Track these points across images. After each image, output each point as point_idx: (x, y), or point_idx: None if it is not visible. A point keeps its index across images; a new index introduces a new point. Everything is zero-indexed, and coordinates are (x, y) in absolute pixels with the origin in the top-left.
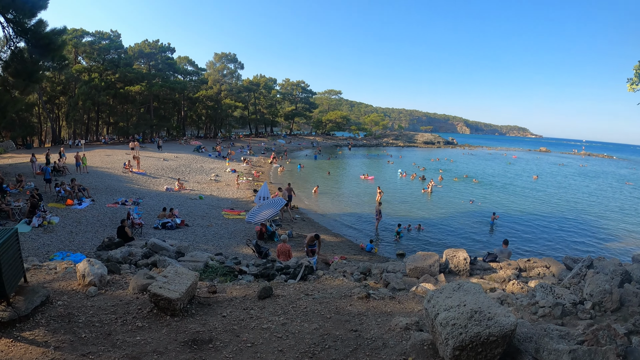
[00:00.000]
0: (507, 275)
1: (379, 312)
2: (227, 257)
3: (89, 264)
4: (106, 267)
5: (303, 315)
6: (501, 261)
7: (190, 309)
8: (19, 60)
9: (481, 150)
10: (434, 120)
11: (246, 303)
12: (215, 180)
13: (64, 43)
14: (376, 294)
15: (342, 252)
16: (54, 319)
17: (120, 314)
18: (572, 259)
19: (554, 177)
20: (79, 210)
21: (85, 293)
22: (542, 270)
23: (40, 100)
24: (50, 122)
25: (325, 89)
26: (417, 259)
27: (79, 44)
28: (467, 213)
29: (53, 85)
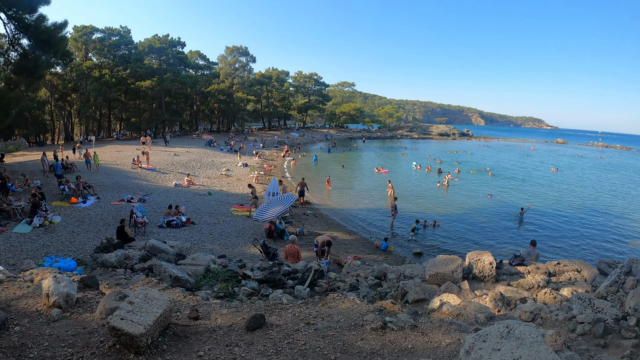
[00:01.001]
0: (537, 281)
1: (398, 350)
2: (231, 259)
3: (54, 281)
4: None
5: (300, 356)
6: (529, 264)
7: (161, 344)
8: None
9: (497, 142)
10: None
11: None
12: (226, 175)
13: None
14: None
15: (355, 251)
16: (3, 352)
17: (78, 347)
18: (606, 263)
19: (573, 170)
20: (83, 208)
21: (47, 316)
22: (573, 275)
23: (52, 97)
24: (62, 119)
25: (339, 81)
26: (437, 263)
27: (88, 41)
28: (485, 208)
29: (64, 83)
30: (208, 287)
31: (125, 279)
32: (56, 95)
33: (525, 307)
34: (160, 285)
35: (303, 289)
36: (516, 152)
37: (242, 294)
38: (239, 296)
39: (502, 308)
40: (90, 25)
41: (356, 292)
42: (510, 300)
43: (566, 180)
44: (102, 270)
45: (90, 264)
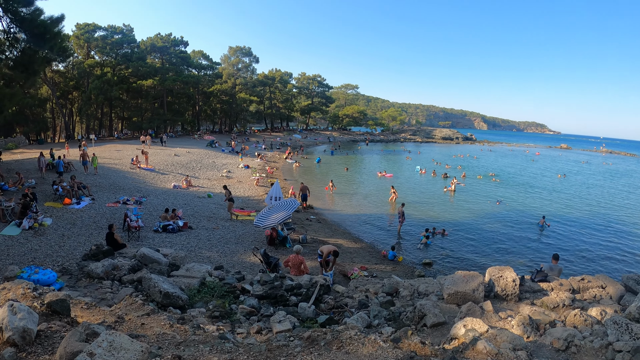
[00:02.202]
0: (561, 300)
1: None
2: (229, 271)
3: (9, 311)
4: (36, 315)
5: None
6: (551, 280)
7: None
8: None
9: (501, 147)
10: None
11: None
12: (227, 177)
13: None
14: None
15: (362, 261)
16: None
17: None
18: (634, 280)
19: (580, 176)
20: (76, 210)
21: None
22: (598, 292)
23: (53, 95)
24: (64, 117)
25: (342, 83)
26: (457, 281)
27: (91, 39)
28: (494, 215)
29: (66, 80)
30: (202, 303)
31: (111, 292)
32: (57, 93)
33: (556, 332)
34: (145, 309)
35: (308, 307)
36: (521, 157)
37: (240, 313)
38: (237, 315)
39: (532, 334)
40: (93, 23)
41: (366, 310)
42: (539, 324)
43: (574, 186)
44: (87, 282)
45: (76, 274)
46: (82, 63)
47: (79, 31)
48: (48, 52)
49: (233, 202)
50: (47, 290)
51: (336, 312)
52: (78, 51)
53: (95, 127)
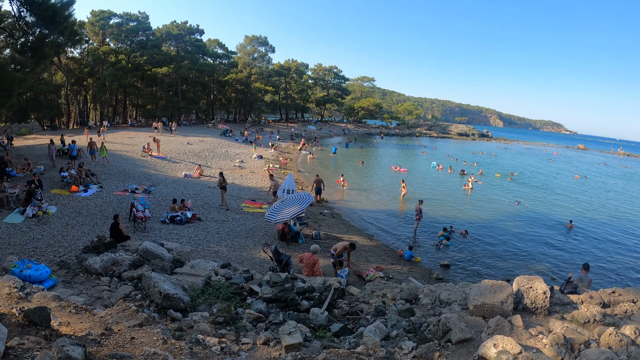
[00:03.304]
0: (592, 314)
1: None
2: (237, 269)
3: None
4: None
5: None
6: (581, 292)
7: None
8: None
9: (517, 145)
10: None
11: None
12: (239, 167)
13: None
14: None
15: (377, 260)
16: None
17: None
18: None
19: (599, 179)
20: (83, 198)
21: None
22: (629, 307)
23: (68, 82)
24: (78, 104)
25: (358, 76)
26: (483, 291)
27: (106, 26)
28: (514, 216)
29: (81, 67)
30: (206, 306)
31: (108, 290)
32: (72, 79)
33: (592, 355)
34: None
35: (320, 313)
36: (538, 156)
37: (246, 319)
38: (243, 322)
39: (566, 355)
40: (108, 10)
41: (383, 318)
42: (573, 344)
43: (595, 189)
44: (84, 277)
45: (74, 268)
46: (97, 50)
47: (94, 18)
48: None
49: (225, 190)
50: (35, 290)
51: (351, 319)
52: (93, 38)
53: (109, 114)
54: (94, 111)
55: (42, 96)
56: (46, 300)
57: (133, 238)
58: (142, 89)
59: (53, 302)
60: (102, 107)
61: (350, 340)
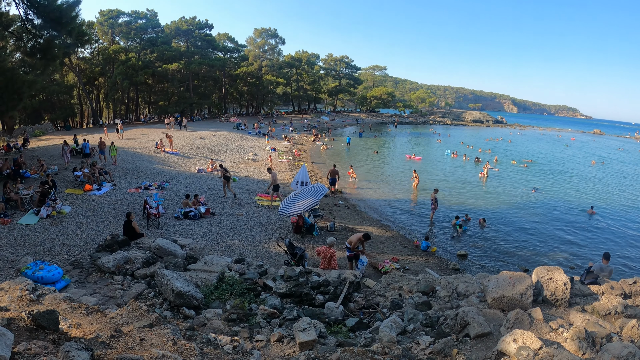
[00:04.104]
0: (613, 306)
1: None
2: (251, 263)
3: None
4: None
5: None
6: (602, 282)
7: None
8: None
9: (532, 131)
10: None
11: None
12: (252, 160)
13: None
14: None
15: (393, 251)
16: None
17: None
18: None
19: (618, 164)
20: (97, 196)
21: None
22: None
23: (79, 82)
24: (90, 103)
25: (370, 65)
26: (502, 283)
27: (115, 25)
28: (531, 204)
29: (92, 67)
30: (219, 303)
31: (122, 289)
32: (84, 79)
33: (614, 349)
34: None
35: (335, 308)
36: (554, 142)
37: (260, 315)
38: (257, 318)
39: (588, 350)
40: (117, 8)
41: (399, 312)
42: (595, 338)
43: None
44: (97, 277)
45: (87, 267)
46: (107, 49)
47: (102, 17)
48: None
49: (228, 181)
50: (47, 292)
51: (367, 312)
52: (102, 37)
53: (122, 112)
54: (106, 110)
55: (55, 97)
56: (57, 302)
57: (147, 235)
58: (154, 85)
59: (64, 304)
60: (114, 105)
61: (365, 335)
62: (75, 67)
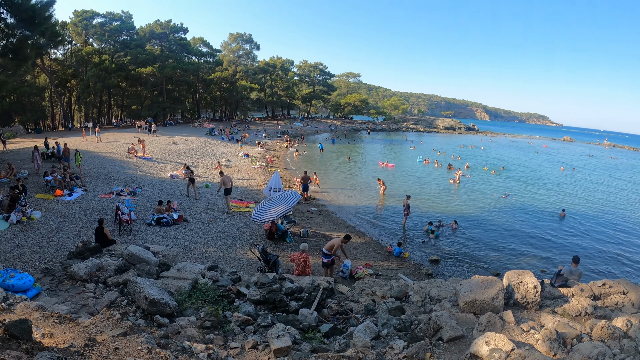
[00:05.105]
0: (583, 307)
1: None
2: (224, 270)
3: None
4: None
5: None
6: (572, 285)
7: None
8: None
9: (503, 138)
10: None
11: None
12: (226, 166)
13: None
14: None
15: (366, 257)
16: None
17: None
18: None
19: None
20: (68, 202)
21: None
22: (620, 299)
23: (51, 83)
24: (62, 106)
25: (344, 72)
26: (474, 287)
27: (89, 26)
28: (502, 209)
29: (64, 69)
30: (193, 310)
31: (94, 297)
32: (56, 81)
33: (584, 349)
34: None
35: (309, 314)
36: (525, 149)
37: (234, 322)
38: (231, 325)
39: (559, 351)
40: (91, 9)
41: (373, 317)
42: (566, 339)
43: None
44: (69, 284)
45: (59, 275)
46: (80, 51)
47: (76, 18)
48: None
49: (193, 182)
50: (18, 300)
51: (341, 318)
52: (76, 38)
53: (94, 116)
54: (78, 113)
55: (26, 99)
56: (29, 310)
57: (119, 242)
58: (127, 89)
59: (36, 313)
60: (86, 108)
61: (340, 341)
62: (47, 68)
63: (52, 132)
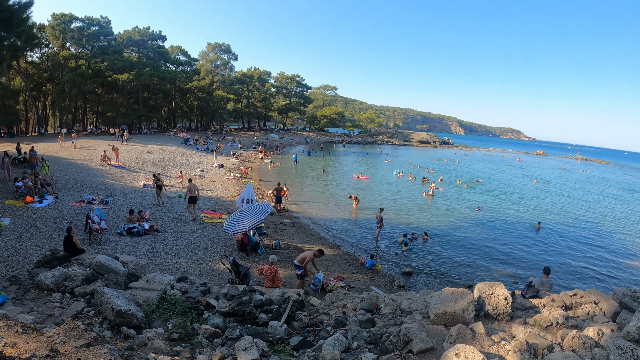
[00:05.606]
0: (554, 317)
1: None
2: (194, 282)
3: None
4: None
5: None
6: (543, 296)
7: None
8: None
9: (477, 152)
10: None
11: None
12: (200, 176)
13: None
14: None
15: (338, 269)
16: None
17: None
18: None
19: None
20: (38, 209)
21: None
22: (591, 308)
23: (26, 87)
24: (36, 110)
25: (321, 84)
26: (444, 299)
27: (67, 30)
28: (475, 222)
29: (40, 72)
30: (161, 322)
31: (60, 307)
32: (31, 84)
33: (555, 359)
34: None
35: (279, 327)
36: (499, 162)
37: (202, 335)
38: (199, 338)
39: None
40: (70, 13)
41: (343, 330)
42: (537, 349)
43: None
44: (36, 294)
45: (26, 284)
46: (57, 54)
47: (54, 21)
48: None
49: (161, 190)
50: None
51: (311, 331)
52: (53, 42)
53: (69, 121)
54: (52, 118)
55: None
56: None
57: (88, 251)
58: (103, 95)
59: (0, 322)
60: (61, 114)
61: (309, 354)
62: (23, 71)
63: (25, 136)
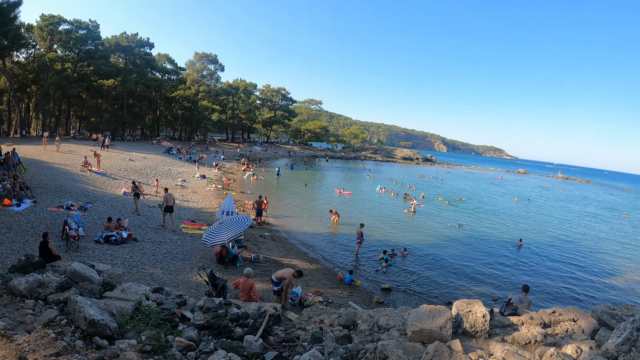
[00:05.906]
0: (533, 335)
1: None
2: (170, 293)
3: None
4: None
5: None
6: (522, 313)
7: None
8: None
9: (459, 169)
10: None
11: None
12: (181, 186)
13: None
14: None
15: (317, 284)
16: None
17: None
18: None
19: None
20: (15, 212)
21: None
22: (570, 326)
23: (11, 87)
24: (20, 112)
25: (306, 98)
26: (422, 317)
27: (54, 32)
28: (456, 239)
29: (25, 73)
30: (135, 333)
31: (32, 314)
32: (15, 85)
33: None
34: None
35: (254, 341)
36: (481, 180)
37: (175, 348)
38: (172, 350)
39: None
40: (59, 15)
41: (320, 345)
42: None
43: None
44: (8, 300)
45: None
46: (44, 56)
47: (43, 22)
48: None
49: (138, 198)
50: None
51: (287, 346)
52: (40, 43)
53: (52, 125)
54: (36, 120)
55: None
56: None
57: (64, 258)
58: (87, 100)
59: None
60: (44, 116)
61: None
62: (8, 71)
63: (7, 138)
